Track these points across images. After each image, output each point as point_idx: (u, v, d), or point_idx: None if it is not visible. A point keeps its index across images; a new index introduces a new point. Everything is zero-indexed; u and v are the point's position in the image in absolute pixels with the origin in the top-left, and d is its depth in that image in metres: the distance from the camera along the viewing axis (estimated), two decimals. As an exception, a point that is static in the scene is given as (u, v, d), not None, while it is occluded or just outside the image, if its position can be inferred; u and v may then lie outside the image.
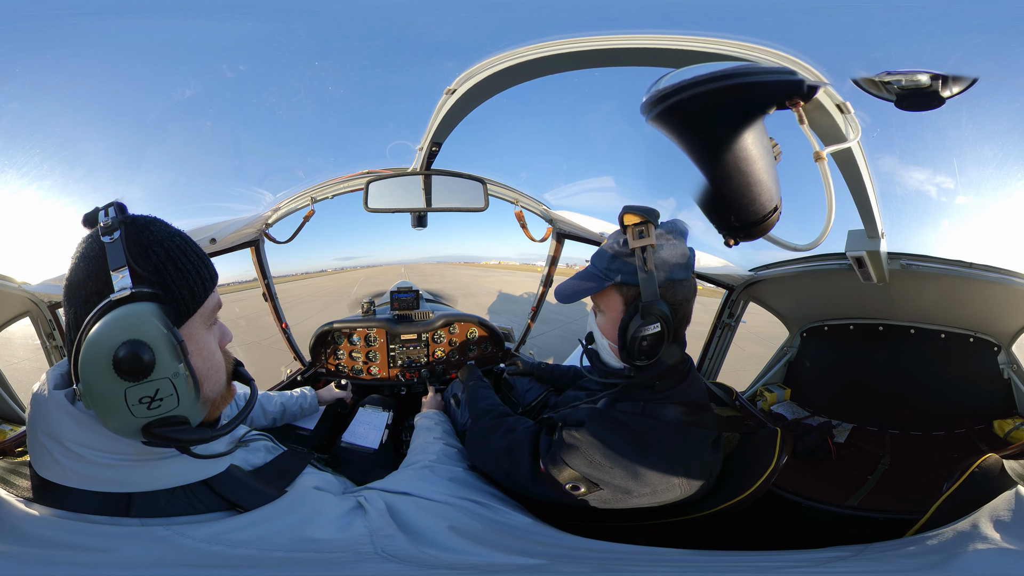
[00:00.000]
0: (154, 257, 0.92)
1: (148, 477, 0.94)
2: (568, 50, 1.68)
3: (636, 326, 1.31)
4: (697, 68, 1.12)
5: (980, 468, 1.27)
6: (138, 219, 0.96)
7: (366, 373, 2.87)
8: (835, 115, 1.45)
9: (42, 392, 0.95)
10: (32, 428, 0.94)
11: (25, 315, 1.98)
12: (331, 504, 1.08)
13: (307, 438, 2.13)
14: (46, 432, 0.92)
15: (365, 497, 1.12)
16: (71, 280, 0.93)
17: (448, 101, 2.05)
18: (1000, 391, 1.80)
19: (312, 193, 2.62)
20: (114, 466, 0.92)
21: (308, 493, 1.09)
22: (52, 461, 0.91)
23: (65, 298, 0.93)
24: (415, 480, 1.34)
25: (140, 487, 0.93)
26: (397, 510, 1.10)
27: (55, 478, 0.91)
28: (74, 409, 0.92)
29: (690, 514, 1.41)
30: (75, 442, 0.91)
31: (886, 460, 1.87)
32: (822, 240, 1.46)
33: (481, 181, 2.37)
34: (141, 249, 0.91)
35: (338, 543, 0.98)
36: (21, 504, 0.91)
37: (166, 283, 0.92)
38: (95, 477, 0.91)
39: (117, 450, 0.92)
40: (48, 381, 0.96)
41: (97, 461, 0.91)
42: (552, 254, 3.03)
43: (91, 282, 0.90)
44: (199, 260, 0.98)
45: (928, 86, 1.44)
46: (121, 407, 0.86)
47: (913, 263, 1.76)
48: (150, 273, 0.90)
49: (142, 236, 0.93)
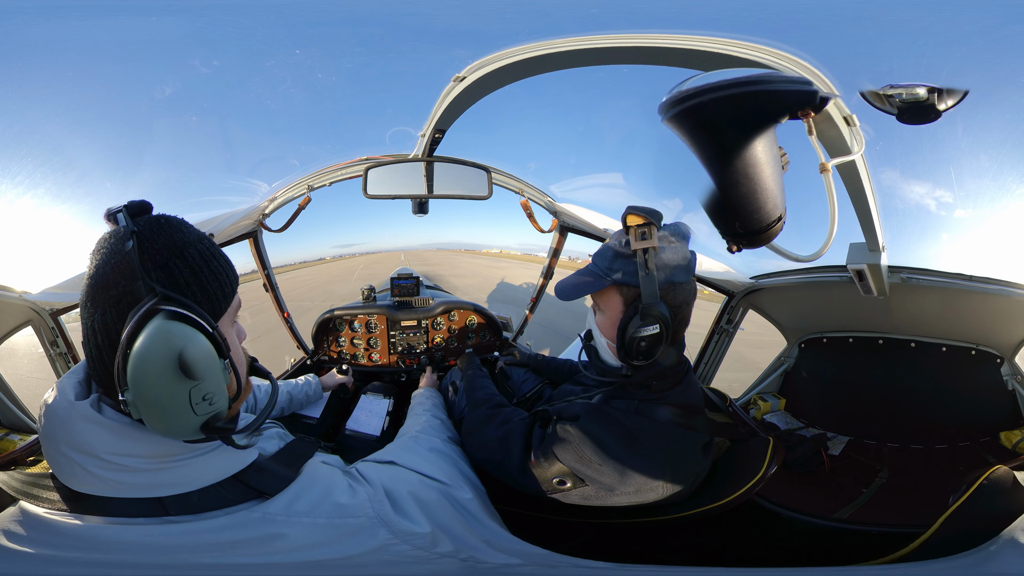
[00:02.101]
0: (190, 259, 0.92)
1: (192, 475, 0.95)
2: (590, 46, 1.67)
3: (635, 327, 1.32)
4: (717, 73, 1.12)
5: (989, 480, 1.27)
6: (171, 219, 0.96)
7: (367, 360, 2.87)
8: (842, 127, 1.46)
9: (61, 404, 0.92)
10: (52, 442, 0.92)
11: (27, 324, 1.97)
12: (339, 475, 1.11)
13: (313, 427, 2.15)
14: (74, 446, 0.90)
15: (357, 468, 1.17)
16: (97, 280, 0.89)
17: (456, 88, 2.03)
18: (1004, 403, 1.81)
19: (309, 181, 2.59)
20: (157, 470, 0.92)
21: (319, 467, 1.11)
22: (87, 474, 0.89)
23: (88, 299, 0.89)
24: (399, 449, 1.38)
25: (188, 486, 0.94)
26: (378, 477, 1.15)
27: (93, 490, 0.90)
28: (104, 419, 0.90)
29: (668, 515, 1.42)
30: (113, 452, 0.90)
31: (884, 473, 1.87)
32: (824, 251, 1.47)
33: (485, 169, 2.35)
34: (178, 249, 0.91)
35: (356, 507, 1.04)
36: (100, 520, 0.90)
37: (202, 284, 0.92)
38: (139, 484, 0.91)
39: (158, 453, 0.92)
40: (65, 391, 0.93)
41: (141, 468, 0.91)
42: (555, 246, 3.02)
43: (124, 281, 0.87)
44: (226, 262, 0.99)
45: (927, 100, 1.44)
46: (184, 408, 0.86)
47: (913, 276, 1.78)
48: (188, 274, 0.91)
49: (177, 236, 0.93)
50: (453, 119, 2.24)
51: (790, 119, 1.25)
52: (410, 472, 1.21)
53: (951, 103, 1.45)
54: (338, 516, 1.01)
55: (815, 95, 1.21)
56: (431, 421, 1.67)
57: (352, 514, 1.02)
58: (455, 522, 1.13)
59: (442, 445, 1.48)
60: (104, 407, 0.92)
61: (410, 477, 1.19)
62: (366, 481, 1.10)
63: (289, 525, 0.97)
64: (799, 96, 1.22)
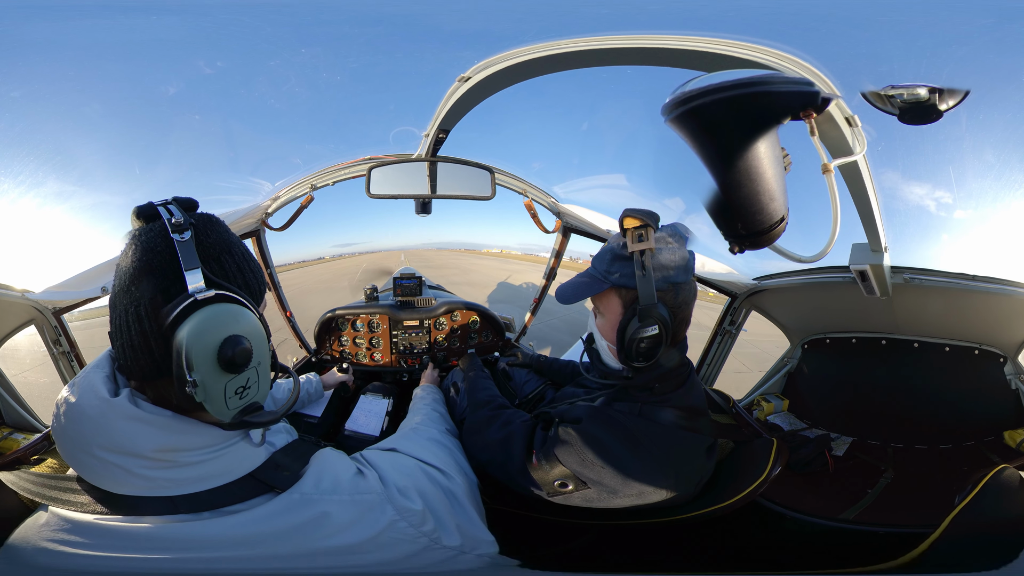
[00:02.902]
0: (236, 256, 0.98)
1: (231, 466, 0.96)
2: (594, 47, 1.68)
3: (634, 329, 1.31)
4: (720, 74, 1.13)
5: (994, 480, 1.27)
6: (218, 218, 1.00)
7: (369, 359, 2.88)
8: (844, 128, 1.46)
9: (91, 403, 0.90)
10: (81, 445, 0.90)
11: (30, 323, 1.97)
12: (347, 459, 1.14)
13: (315, 426, 2.16)
14: (113, 448, 0.88)
15: (361, 454, 1.20)
16: (141, 267, 0.89)
17: (460, 88, 2.03)
18: (1008, 402, 1.81)
19: (312, 180, 2.59)
20: (205, 461, 0.93)
21: (327, 452, 1.13)
22: (128, 475, 0.89)
23: (128, 286, 0.90)
24: (398, 439, 1.43)
25: (226, 478, 0.95)
26: (381, 461, 1.18)
27: (135, 491, 0.90)
28: (147, 415, 0.90)
29: (671, 516, 1.42)
30: (160, 449, 0.89)
31: (888, 474, 1.87)
32: (826, 252, 1.47)
33: (489, 170, 2.35)
34: (226, 246, 0.97)
35: (366, 485, 1.06)
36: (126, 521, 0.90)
37: (246, 280, 0.98)
38: (188, 478, 0.91)
39: (202, 444, 0.93)
40: (95, 388, 0.91)
41: (187, 461, 0.91)
42: (557, 248, 3.02)
43: (156, 278, 0.88)
44: (259, 264, 1.05)
45: (928, 100, 1.45)
46: (244, 387, 0.90)
47: (916, 277, 1.78)
48: (235, 270, 0.96)
49: (224, 235, 0.98)
50: (457, 119, 2.24)
51: (792, 120, 1.26)
52: (409, 457, 1.25)
53: (952, 103, 1.45)
54: (357, 492, 1.04)
55: (817, 96, 1.22)
56: (431, 415, 1.70)
57: (367, 490, 1.05)
58: (441, 505, 1.15)
59: (440, 436, 1.51)
60: (139, 402, 0.91)
61: (408, 462, 1.23)
62: (370, 464, 1.14)
63: (328, 503, 0.99)
64: (801, 97, 1.22)
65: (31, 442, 1.79)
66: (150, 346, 0.89)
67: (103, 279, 1.94)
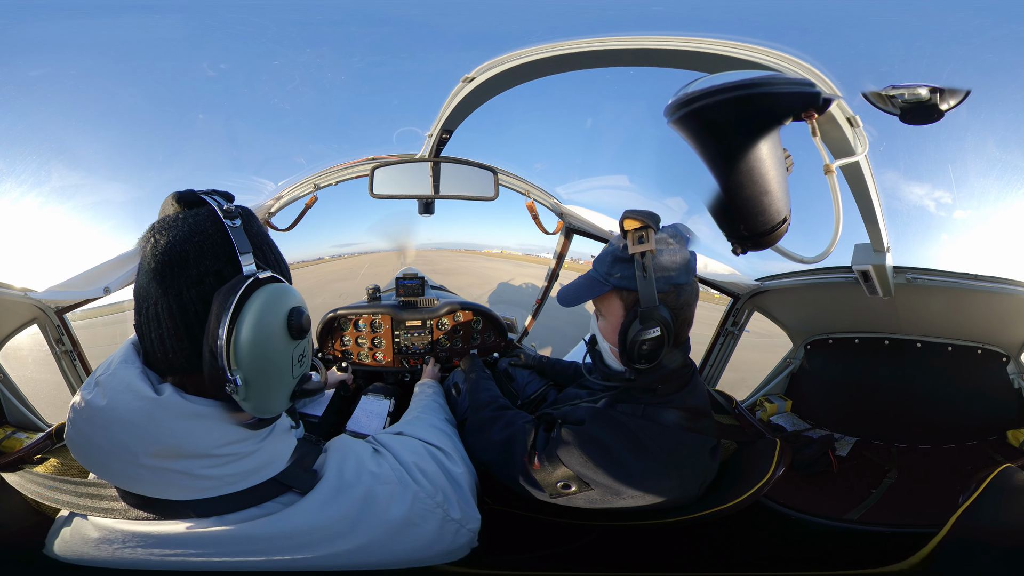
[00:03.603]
0: (272, 248, 1.01)
1: (278, 453, 0.98)
2: (596, 48, 1.68)
3: (635, 331, 1.32)
4: (722, 76, 1.13)
5: (998, 479, 1.27)
6: (251, 211, 1.01)
7: (371, 359, 2.88)
8: (845, 128, 1.46)
9: (134, 405, 0.82)
10: (122, 455, 0.82)
11: (33, 322, 1.97)
12: (363, 445, 1.17)
13: (316, 425, 2.16)
14: (168, 454, 0.83)
15: (375, 436, 1.26)
16: (173, 258, 0.86)
17: (464, 89, 2.04)
18: (1012, 401, 1.81)
19: (315, 180, 2.59)
20: (258, 451, 0.93)
21: (344, 438, 1.16)
22: (196, 479, 0.85)
23: (158, 277, 0.85)
24: (404, 424, 1.51)
25: (275, 468, 0.96)
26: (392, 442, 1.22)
27: (195, 495, 0.87)
28: (201, 407, 0.85)
29: (675, 518, 1.41)
30: (225, 443, 0.87)
31: (892, 474, 1.87)
32: (829, 253, 1.47)
33: (492, 171, 2.36)
34: (263, 238, 0.99)
35: (384, 475, 1.08)
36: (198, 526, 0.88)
37: (282, 270, 1.00)
38: (248, 470, 0.92)
39: (248, 435, 0.92)
40: (135, 388, 0.83)
41: (249, 451, 0.91)
42: (559, 250, 3.02)
43: (207, 261, 0.87)
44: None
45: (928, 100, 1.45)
46: (287, 371, 0.91)
47: (918, 276, 1.78)
48: (273, 260, 0.99)
49: (262, 227, 1.00)
50: (461, 120, 2.25)
51: (794, 121, 1.26)
52: (415, 439, 1.29)
53: (952, 103, 1.45)
54: (382, 471, 1.07)
55: (818, 96, 1.22)
56: (431, 406, 1.75)
57: (392, 468, 1.09)
58: (445, 482, 1.18)
59: (441, 424, 1.57)
60: (188, 396, 0.86)
61: (415, 443, 1.27)
62: (384, 445, 1.17)
63: (367, 485, 1.02)
64: (802, 98, 1.22)
65: (34, 441, 1.79)
66: (183, 340, 0.85)
67: (106, 278, 1.94)
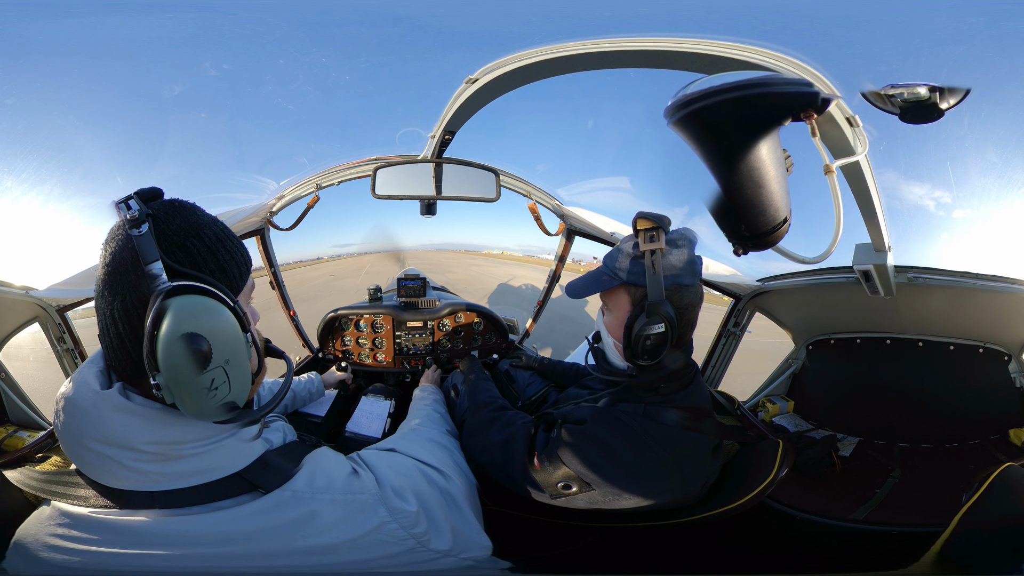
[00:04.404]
0: (207, 239, 0.92)
1: (221, 462, 0.95)
2: (597, 50, 1.70)
3: (641, 324, 1.34)
4: (720, 76, 1.14)
5: (1000, 478, 1.28)
6: (184, 202, 0.95)
7: (372, 359, 2.88)
8: (845, 128, 1.46)
9: (84, 395, 0.90)
10: (76, 438, 0.89)
11: (34, 321, 1.98)
12: (343, 458, 1.13)
13: (318, 425, 2.16)
14: (104, 439, 0.88)
15: (359, 455, 1.18)
16: (114, 267, 0.88)
17: (467, 90, 2.05)
18: (1014, 400, 1.81)
19: (317, 180, 2.60)
20: (196, 455, 0.91)
21: (324, 450, 1.12)
22: (123, 468, 0.88)
23: (106, 287, 0.89)
24: (398, 439, 1.42)
25: (220, 472, 0.94)
26: (378, 462, 1.16)
27: (130, 485, 0.89)
28: (136, 406, 0.89)
29: (678, 519, 1.42)
30: (150, 442, 0.88)
31: (896, 473, 1.87)
32: (830, 253, 1.47)
33: (494, 172, 2.37)
34: (194, 230, 0.91)
35: (361, 485, 1.05)
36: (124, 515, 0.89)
37: (220, 263, 0.93)
38: (183, 472, 0.90)
39: (193, 437, 0.91)
40: (88, 382, 0.91)
41: (179, 455, 0.90)
42: (560, 252, 3.03)
43: (141, 265, 0.86)
44: (239, 242, 1.00)
45: (928, 99, 1.45)
46: (210, 387, 0.86)
47: (919, 276, 1.79)
48: (206, 253, 0.91)
49: (191, 218, 0.93)
50: (463, 121, 2.26)
51: (794, 121, 1.26)
52: (407, 457, 1.24)
53: (952, 102, 1.45)
54: (351, 492, 1.03)
55: (817, 96, 1.22)
56: (431, 415, 1.70)
57: (361, 491, 1.04)
58: (437, 506, 1.13)
59: (440, 437, 1.51)
60: (131, 395, 0.91)
61: (406, 462, 1.21)
62: (367, 464, 1.12)
63: (319, 502, 0.97)
64: (801, 98, 1.23)
65: (36, 439, 1.80)
66: (126, 347, 0.88)
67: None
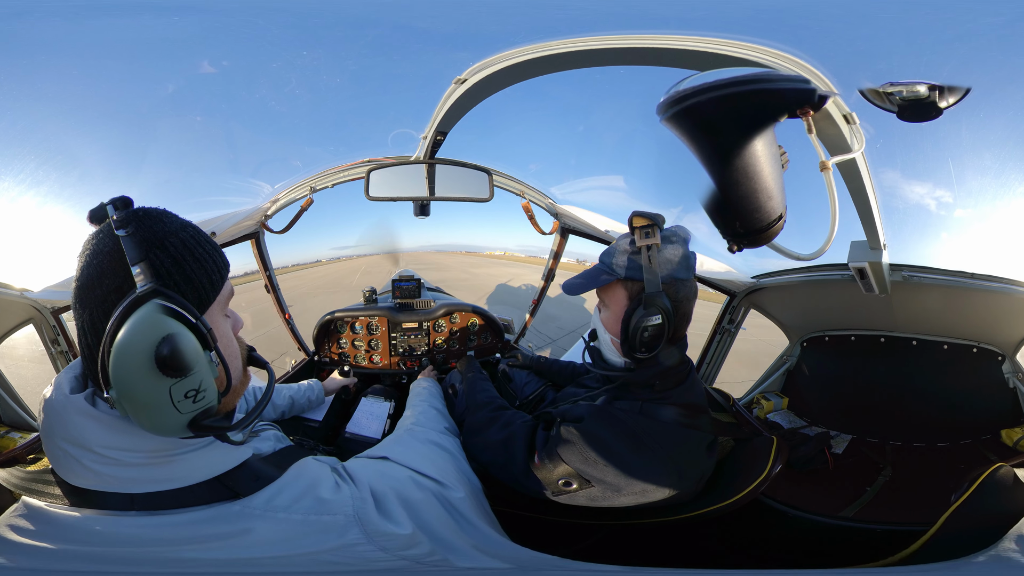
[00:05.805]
0: (172, 248, 0.90)
1: (181, 472, 0.93)
2: (589, 47, 1.68)
3: (639, 316, 1.36)
4: (715, 73, 1.14)
5: (991, 478, 1.29)
6: (150, 211, 0.93)
7: (368, 361, 2.87)
8: (841, 125, 1.46)
9: (57, 398, 0.92)
10: (49, 435, 0.92)
11: (28, 322, 1.97)
12: (327, 471, 1.08)
13: (316, 430, 2.15)
14: (68, 439, 0.90)
15: (346, 466, 1.13)
16: (83, 281, 0.89)
17: (457, 91, 2.03)
18: (1006, 400, 1.82)
19: (312, 183, 2.60)
20: (148, 464, 0.91)
21: (310, 462, 1.09)
22: (82, 468, 0.89)
23: (77, 300, 0.90)
24: (393, 444, 1.36)
25: (177, 483, 0.93)
26: (365, 475, 1.11)
27: (87, 484, 0.90)
28: (98, 412, 0.90)
29: (674, 515, 1.43)
30: (105, 446, 0.89)
31: (887, 471, 1.88)
32: (825, 250, 1.48)
33: (487, 172, 2.37)
34: (158, 240, 0.89)
35: (335, 504, 1.00)
36: (74, 512, 0.90)
37: (186, 273, 0.90)
38: (129, 478, 0.90)
39: (149, 448, 0.91)
40: (61, 386, 0.94)
41: (132, 462, 0.90)
42: (555, 249, 3.03)
43: (107, 279, 0.86)
44: (213, 248, 0.96)
45: (927, 98, 1.45)
46: (167, 406, 0.84)
47: (915, 274, 1.78)
48: (170, 264, 0.89)
49: (157, 227, 0.90)
50: (455, 121, 2.25)
51: (789, 117, 1.27)
52: (402, 468, 1.18)
53: (952, 101, 1.46)
54: (314, 512, 0.98)
55: (813, 93, 1.22)
56: (428, 411, 1.65)
57: (330, 511, 0.99)
58: (442, 524, 1.09)
59: (438, 437, 1.46)
60: (98, 401, 0.92)
61: (400, 474, 1.16)
62: (352, 480, 1.07)
63: (261, 520, 0.94)
64: (797, 94, 1.23)
65: (27, 441, 1.80)
66: (94, 358, 0.88)
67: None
